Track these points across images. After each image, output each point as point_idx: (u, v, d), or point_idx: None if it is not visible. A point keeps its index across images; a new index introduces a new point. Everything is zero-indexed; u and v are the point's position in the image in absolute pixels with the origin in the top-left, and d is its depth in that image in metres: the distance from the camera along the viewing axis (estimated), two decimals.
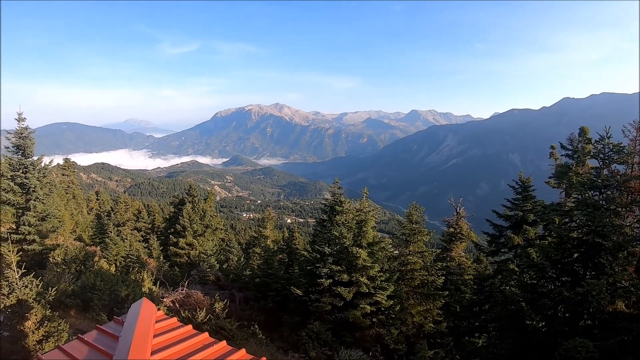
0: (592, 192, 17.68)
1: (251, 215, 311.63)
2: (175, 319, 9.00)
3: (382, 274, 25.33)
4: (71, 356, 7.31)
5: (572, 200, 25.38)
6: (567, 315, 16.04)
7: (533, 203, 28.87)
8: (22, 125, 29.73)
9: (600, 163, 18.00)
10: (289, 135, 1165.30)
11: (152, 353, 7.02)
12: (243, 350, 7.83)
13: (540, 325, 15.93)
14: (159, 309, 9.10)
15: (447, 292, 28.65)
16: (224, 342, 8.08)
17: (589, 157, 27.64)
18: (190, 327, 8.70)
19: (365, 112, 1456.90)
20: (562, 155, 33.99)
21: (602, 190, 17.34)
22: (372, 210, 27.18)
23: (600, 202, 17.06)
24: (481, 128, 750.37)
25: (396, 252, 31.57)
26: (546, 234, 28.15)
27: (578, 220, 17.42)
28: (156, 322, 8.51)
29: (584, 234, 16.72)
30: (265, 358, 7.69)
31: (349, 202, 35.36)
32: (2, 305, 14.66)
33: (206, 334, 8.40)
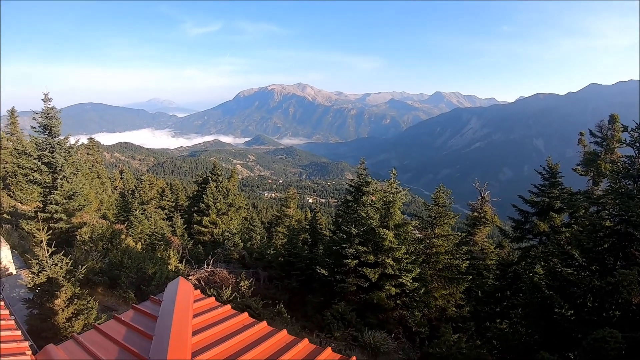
0: (626, 181, 17.29)
1: (273, 194, 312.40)
2: (212, 299, 8.95)
3: (407, 256, 25.30)
4: (109, 336, 7.28)
5: (605, 187, 24.92)
6: (595, 304, 15.83)
7: (560, 190, 28.40)
8: (49, 106, 30.03)
9: (636, 152, 17.56)
10: (311, 115, 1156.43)
11: (193, 334, 6.98)
12: (284, 331, 7.82)
13: (568, 314, 15.74)
14: None
15: (470, 277, 28.53)
16: (264, 323, 8.06)
17: (622, 145, 27.11)
18: (229, 307, 8.66)
19: (389, 93, 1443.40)
20: (590, 142, 33.41)
21: (637, 179, 16.95)
22: (400, 192, 27.00)
23: (634, 191, 16.68)
24: (505, 112, 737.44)
25: (419, 234, 31.43)
26: (572, 221, 27.79)
27: (610, 209, 17.12)
28: (194, 301, 8.47)
29: (616, 223, 16.44)
30: (308, 340, 7.62)
31: (375, 183, 35.15)
32: (32, 284, 14.79)
33: (246, 314, 8.37)
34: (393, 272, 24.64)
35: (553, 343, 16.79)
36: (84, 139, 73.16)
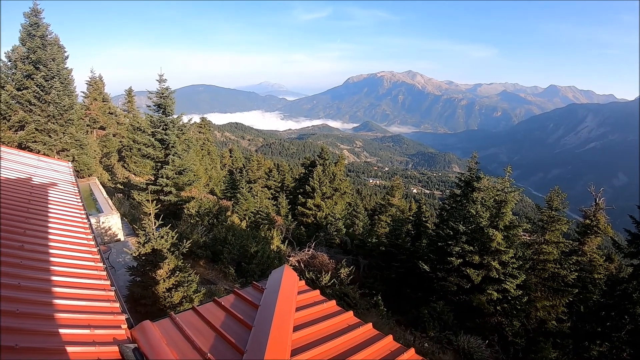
0: None
1: (377, 182, 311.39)
2: (317, 292, 8.62)
3: (514, 260, 24.15)
4: (206, 320, 7.11)
5: None
6: None
7: None
8: (163, 86, 31.38)
9: None
10: (420, 104, 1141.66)
11: (294, 329, 6.63)
12: (390, 337, 7.37)
13: None
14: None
15: (576, 290, 26.71)
16: (369, 325, 7.65)
17: None
18: (333, 302, 8.32)
19: (501, 85, 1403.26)
20: None
21: None
22: (513, 191, 25.55)
23: None
24: (624, 111, 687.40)
25: (526, 238, 29.93)
26: None
27: None
28: (298, 293, 8.14)
29: None
30: (414, 350, 7.03)
31: (486, 179, 33.83)
32: (138, 253, 15.07)
33: (351, 313, 8.00)
34: (497, 276, 23.67)
35: None
36: (196, 118, 76.09)
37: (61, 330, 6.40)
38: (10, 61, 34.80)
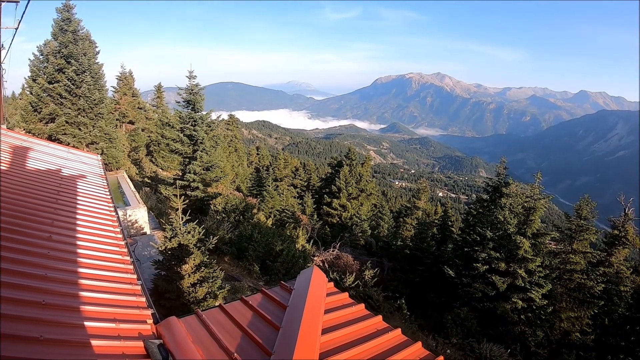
0: None
1: (403, 184, 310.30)
2: (346, 295, 8.51)
3: (541, 269, 23.77)
4: (233, 319, 7.04)
5: None
6: None
7: None
8: (193, 83, 31.70)
9: None
10: (448, 107, 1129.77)
11: (323, 332, 6.53)
12: (419, 344, 7.24)
13: None
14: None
15: (602, 302, 26.15)
16: (398, 330, 7.53)
17: None
18: (362, 306, 8.19)
19: (530, 89, 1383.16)
20: None
21: None
22: (543, 198, 25.09)
23: None
24: None
25: (553, 246, 29.43)
26: None
27: None
28: (327, 295, 8.01)
29: None
30: (443, 358, 6.85)
31: (515, 185, 33.37)
32: (164, 247, 15.12)
33: (380, 318, 7.87)
34: (523, 284, 23.30)
35: None
36: (224, 115, 76.72)
37: (86, 323, 6.36)
38: (42, 55, 35.32)
